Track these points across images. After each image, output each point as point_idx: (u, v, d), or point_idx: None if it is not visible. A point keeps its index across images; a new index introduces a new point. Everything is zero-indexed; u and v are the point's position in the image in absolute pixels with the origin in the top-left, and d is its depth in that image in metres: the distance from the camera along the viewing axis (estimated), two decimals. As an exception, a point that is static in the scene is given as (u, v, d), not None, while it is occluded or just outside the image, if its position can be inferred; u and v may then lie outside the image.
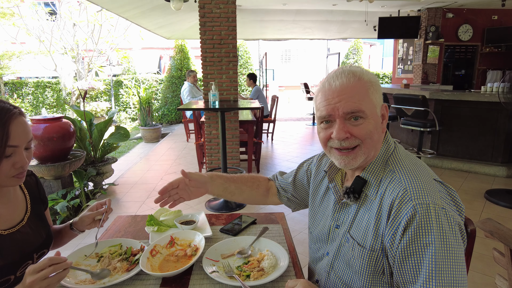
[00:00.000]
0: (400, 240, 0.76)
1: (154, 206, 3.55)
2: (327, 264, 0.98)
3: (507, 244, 1.15)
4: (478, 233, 0.95)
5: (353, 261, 0.88)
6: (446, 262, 0.71)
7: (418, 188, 0.78)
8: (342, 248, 0.93)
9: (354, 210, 0.92)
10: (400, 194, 0.79)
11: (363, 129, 0.85)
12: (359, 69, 0.89)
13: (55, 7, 10.03)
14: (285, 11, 7.68)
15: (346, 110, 0.84)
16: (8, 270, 0.93)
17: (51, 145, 3.14)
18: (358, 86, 0.85)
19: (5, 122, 0.88)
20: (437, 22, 7.76)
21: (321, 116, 0.88)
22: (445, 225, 0.74)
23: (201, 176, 1.15)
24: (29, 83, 10.73)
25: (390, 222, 0.79)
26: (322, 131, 0.90)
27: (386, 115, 0.92)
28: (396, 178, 0.83)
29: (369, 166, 0.90)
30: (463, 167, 4.58)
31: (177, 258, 1.06)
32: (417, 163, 0.87)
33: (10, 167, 0.91)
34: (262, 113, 5.00)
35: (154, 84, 10.47)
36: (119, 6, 5.71)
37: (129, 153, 6.55)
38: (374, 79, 0.90)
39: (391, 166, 0.87)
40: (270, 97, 7.53)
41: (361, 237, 0.87)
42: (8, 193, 1.01)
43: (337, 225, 0.97)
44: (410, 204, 0.76)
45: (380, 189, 0.85)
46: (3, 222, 0.97)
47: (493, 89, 4.77)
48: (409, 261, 0.75)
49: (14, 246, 0.96)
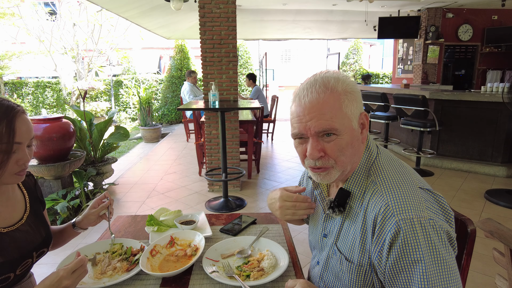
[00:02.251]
0: (387, 258, 0.74)
1: (154, 206, 3.55)
2: (317, 273, 0.98)
3: (507, 244, 1.15)
4: (478, 233, 0.95)
5: (341, 274, 0.87)
6: (439, 276, 0.69)
7: (400, 202, 0.75)
8: (331, 260, 0.92)
9: (339, 222, 0.90)
10: (382, 210, 0.76)
11: (336, 145, 0.81)
12: (332, 78, 0.83)
13: (55, 7, 10.02)
14: (285, 11, 7.68)
15: (317, 129, 0.80)
16: (8, 268, 0.94)
17: (51, 145, 3.14)
18: (330, 101, 0.80)
19: (11, 119, 0.90)
20: (437, 22, 7.76)
21: (294, 133, 0.85)
22: (434, 237, 0.71)
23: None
24: (29, 83, 10.73)
25: (375, 239, 0.77)
26: (298, 146, 0.87)
27: (366, 123, 0.87)
28: (378, 191, 0.79)
29: (352, 177, 0.87)
30: (463, 167, 4.58)
31: (177, 258, 1.06)
32: (401, 171, 0.83)
33: (14, 164, 0.92)
34: (262, 113, 5.00)
35: (154, 84, 10.47)
36: (119, 6, 5.71)
37: (129, 153, 6.55)
38: (351, 87, 0.84)
39: (372, 177, 0.84)
40: (270, 97, 7.53)
41: (348, 252, 0.86)
42: (7, 192, 1.02)
43: (324, 234, 0.96)
44: (393, 220, 0.73)
45: (364, 201, 0.83)
46: (2, 220, 0.98)
47: (493, 89, 4.77)
48: (399, 278, 0.73)
49: (13, 245, 0.97)
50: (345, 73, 0.89)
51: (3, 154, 0.89)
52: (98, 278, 0.99)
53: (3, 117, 0.89)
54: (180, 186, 4.17)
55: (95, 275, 1.00)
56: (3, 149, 0.89)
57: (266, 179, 4.42)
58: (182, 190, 4.03)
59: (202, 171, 4.57)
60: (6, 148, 0.89)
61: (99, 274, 1.00)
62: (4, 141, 0.88)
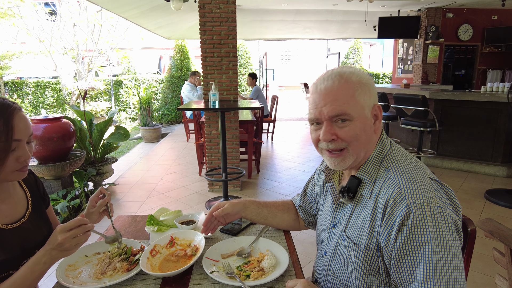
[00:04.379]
0: (395, 240, 0.76)
1: (154, 206, 3.55)
2: (325, 263, 1.00)
3: (507, 244, 1.15)
4: (478, 233, 0.96)
5: (349, 260, 0.89)
6: (444, 260, 0.71)
7: (412, 187, 0.78)
8: (339, 248, 0.94)
9: (350, 210, 0.92)
10: (394, 193, 0.79)
11: (349, 131, 0.86)
12: (348, 70, 0.89)
13: (55, 7, 10.02)
14: (285, 11, 7.68)
15: (331, 113, 0.86)
16: (10, 265, 0.94)
17: (51, 145, 3.14)
18: (344, 88, 0.86)
19: (8, 117, 0.90)
20: (437, 22, 7.76)
21: (310, 118, 0.92)
22: (441, 223, 0.73)
23: (235, 207, 1.18)
24: (29, 83, 10.73)
25: (385, 221, 0.79)
26: (313, 132, 0.94)
27: (380, 115, 0.91)
28: (391, 177, 0.83)
29: (364, 166, 0.90)
30: (463, 167, 4.58)
31: (177, 258, 1.06)
32: (413, 162, 0.87)
33: (14, 161, 0.93)
34: (262, 113, 5.00)
35: (154, 84, 10.47)
36: (119, 6, 5.71)
37: (129, 153, 6.55)
38: (365, 79, 0.89)
39: (386, 165, 0.87)
40: (270, 97, 7.53)
41: (356, 236, 0.88)
42: (8, 190, 1.03)
43: (334, 225, 0.98)
44: (404, 203, 0.76)
45: (375, 189, 0.86)
46: (4, 217, 0.98)
47: (493, 89, 4.77)
48: (405, 261, 0.75)
49: (16, 241, 0.98)
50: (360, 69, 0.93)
51: (1, 152, 0.89)
52: (98, 278, 0.99)
53: (0, 116, 0.89)
54: (180, 186, 4.17)
55: (95, 275, 1.00)
56: (1, 148, 0.89)
57: (266, 179, 4.42)
58: (182, 190, 4.03)
59: (202, 171, 4.57)
60: (4, 147, 0.89)
61: (99, 274, 1.00)
62: (2, 139, 0.88)
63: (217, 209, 1.16)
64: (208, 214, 1.17)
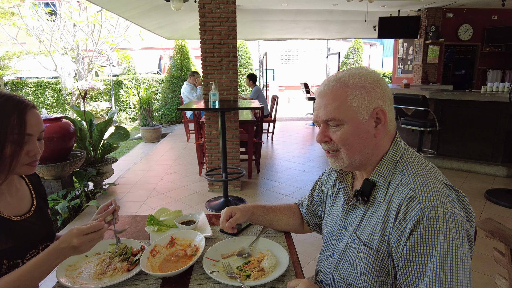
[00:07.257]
0: (406, 242, 0.76)
1: (155, 206, 3.55)
2: (333, 264, 0.99)
3: (508, 244, 1.15)
4: (478, 233, 0.96)
5: (358, 261, 0.89)
6: (451, 267, 0.71)
7: (427, 191, 0.78)
8: (348, 249, 0.93)
9: (362, 212, 0.92)
10: (408, 196, 0.79)
11: (341, 135, 0.88)
12: (348, 73, 0.88)
13: (55, 7, 10.03)
14: (285, 11, 7.68)
15: (323, 117, 0.89)
16: (17, 254, 0.98)
17: (51, 145, 3.14)
18: (337, 93, 0.87)
19: (21, 112, 0.95)
20: (437, 22, 7.76)
21: (313, 120, 0.96)
22: (453, 230, 0.73)
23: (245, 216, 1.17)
24: (29, 83, 10.73)
25: (397, 223, 0.79)
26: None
27: (383, 118, 0.88)
28: (406, 180, 0.83)
29: (377, 168, 0.90)
30: (463, 167, 4.58)
31: (177, 258, 1.06)
32: (428, 166, 0.87)
33: (25, 155, 0.97)
34: (262, 113, 5.00)
35: (154, 84, 10.46)
36: (119, 6, 5.71)
37: (129, 153, 6.55)
38: (367, 82, 0.86)
39: (401, 168, 0.87)
40: (270, 97, 7.53)
41: (367, 238, 0.87)
42: (16, 185, 1.07)
43: (344, 226, 0.98)
44: (418, 206, 0.76)
45: (389, 192, 0.86)
46: (12, 209, 1.02)
47: (493, 89, 4.77)
48: (413, 263, 0.75)
49: (22, 233, 1.01)
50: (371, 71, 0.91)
51: (16, 145, 0.93)
52: (98, 278, 0.99)
53: (14, 110, 0.93)
54: (180, 186, 4.17)
55: (95, 275, 1.00)
56: (16, 140, 0.93)
57: (266, 179, 4.42)
58: (182, 190, 4.03)
59: (202, 171, 4.57)
60: (18, 139, 0.93)
61: (99, 274, 1.00)
62: (15, 132, 0.93)
63: (229, 216, 1.15)
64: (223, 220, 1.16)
